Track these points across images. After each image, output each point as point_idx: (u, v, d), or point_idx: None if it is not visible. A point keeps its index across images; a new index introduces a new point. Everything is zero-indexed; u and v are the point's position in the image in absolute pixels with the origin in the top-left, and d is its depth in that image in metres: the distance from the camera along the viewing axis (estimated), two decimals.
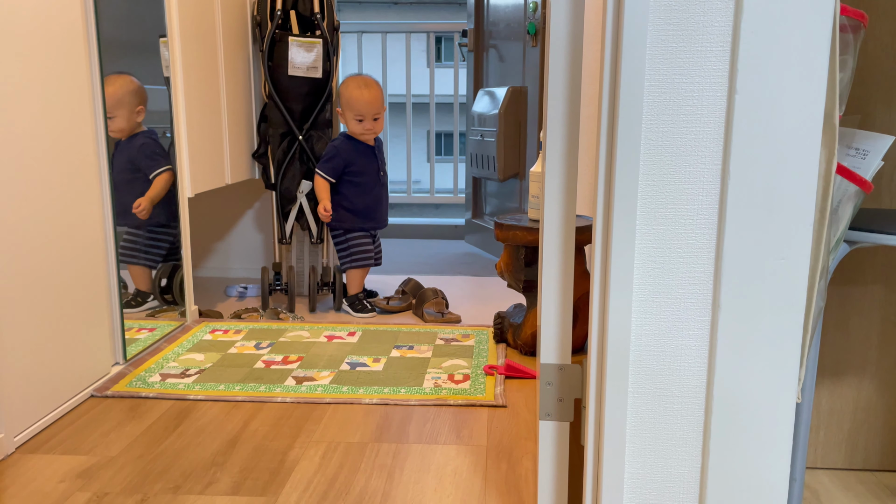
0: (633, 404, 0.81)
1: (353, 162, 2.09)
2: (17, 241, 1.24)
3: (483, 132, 2.82)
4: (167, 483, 1.14)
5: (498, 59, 2.87)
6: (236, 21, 2.13)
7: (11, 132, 1.23)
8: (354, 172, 2.10)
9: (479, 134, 2.87)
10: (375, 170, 2.13)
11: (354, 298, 2.14)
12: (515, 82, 2.72)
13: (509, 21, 2.75)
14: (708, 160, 0.74)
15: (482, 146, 2.84)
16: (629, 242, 0.76)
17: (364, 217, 2.13)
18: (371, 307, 2.14)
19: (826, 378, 1.18)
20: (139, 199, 1.81)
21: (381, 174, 2.15)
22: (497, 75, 2.88)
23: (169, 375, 1.56)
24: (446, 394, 1.48)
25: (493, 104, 2.77)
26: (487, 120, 2.78)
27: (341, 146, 2.10)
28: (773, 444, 0.79)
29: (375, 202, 2.14)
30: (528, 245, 1.66)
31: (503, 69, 2.83)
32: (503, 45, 2.82)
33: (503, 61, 2.82)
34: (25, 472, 1.17)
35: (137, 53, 1.85)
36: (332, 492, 1.12)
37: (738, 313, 0.76)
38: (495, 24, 2.86)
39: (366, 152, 2.11)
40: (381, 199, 2.16)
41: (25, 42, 1.26)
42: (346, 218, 2.13)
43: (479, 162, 2.90)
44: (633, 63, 0.72)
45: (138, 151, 1.81)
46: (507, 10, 2.76)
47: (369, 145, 2.11)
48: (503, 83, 2.81)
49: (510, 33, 2.75)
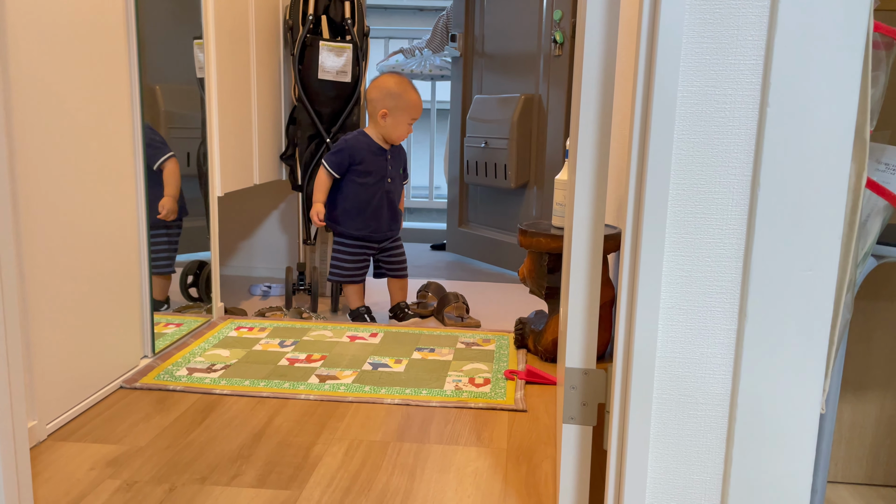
0: (657, 410, 0.82)
1: (362, 160, 2.01)
2: (54, 236, 1.28)
3: (488, 139, 2.77)
4: (194, 474, 1.17)
5: (497, 65, 2.82)
6: (268, 25, 2.18)
7: (55, 126, 1.27)
8: (359, 172, 2.01)
9: (481, 141, 2.80)
10: (383, 173, 2.04)
11: (356, 313, 2.07)
12: (523, 90, 2.70)
13: (516, 27, 2.71)
14: (738, 171, 0.76)
15: (486, 154, 2.79)
16: (658, 250, 0.77)
17: (358, 221, 2.03)
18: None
19: (849, 392, 1.18)
20: (161, 203, 1.75)
21: (387, 180, 2.05)
22: (495, 82, 2.83)
23: (195, 370, 1.59)
24: (467, 396, 1.49)
25: (501, 111, 2.73)
26: (494, 127, 2.74)
27: (353, 140, 2.02)
28: (796, 453, 0.80)
29: (376, 208, 2.04)
30: (552, 252, 1.67)
31: (506, 76, 2.78)
32: (506, 51, 2.77)
33: (506, 68, 2.78)
34: (57, 459, 1.20)
35: (172, 54, 1.90)
36: (355, 488, 1.14)
37: (764, 323, 0.77)
38: (494, 30, 2.81)
39: (378, 153, 2.03)
40: (382, 205, 2.05)
41: (72, 41, 1.30)
42: (340, 219, 2.05)
43: (480, 170, 2.84)
44: (666, 75, 0.74)
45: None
46: (512, 17, 2.72)
47: (383, 148, 2.03)
48: (504, 90, 2.78)
49: (517, 40, 2.71)
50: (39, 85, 1.22)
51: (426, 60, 3.46)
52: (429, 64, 3.45)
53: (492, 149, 2.77)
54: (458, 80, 3.02)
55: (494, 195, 2.90)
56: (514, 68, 2.76)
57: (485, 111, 2.84)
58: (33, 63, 1.21)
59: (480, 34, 2.89)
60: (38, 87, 1.22)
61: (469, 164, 2.93)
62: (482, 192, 2.97)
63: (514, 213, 2.84)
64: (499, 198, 2.89)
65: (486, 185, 2.86)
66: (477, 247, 2.99)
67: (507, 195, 2.84)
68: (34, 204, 1.22)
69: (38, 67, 1.22)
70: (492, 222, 2.94)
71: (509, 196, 2.84)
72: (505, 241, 2.84)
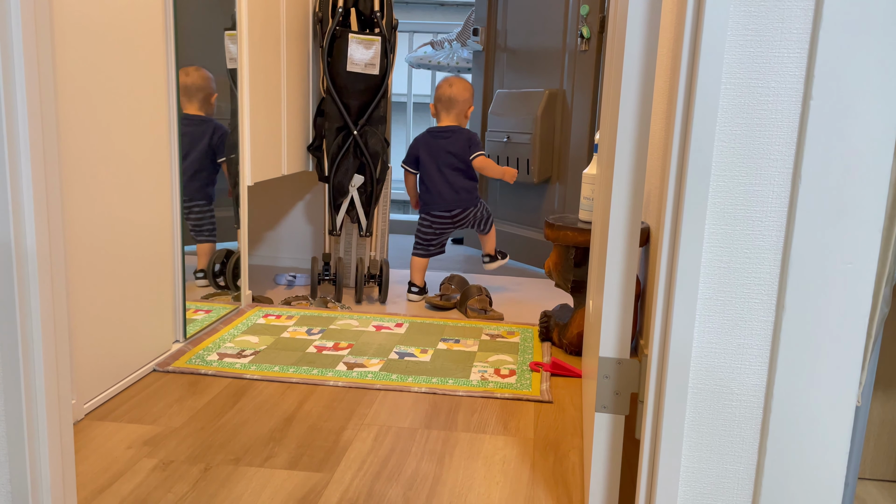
0: (692, 400, 0.83)
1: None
2: (92, 226, 1.31)
3: (510, 134, 2.78)
4: (228, 454, 1.19)
5: (520, 60, 2.83)
6: (298, 17, 2.20)
7: (92, 116, 1.30)
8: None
9: (504, 136, 2.82)
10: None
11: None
12: (547, 85, 2.70)
13: (540, 22, 2.71)
14: (779, 163, 0.76)
15: (508, 148, 2.80)
16: (697, 240, 0.78)
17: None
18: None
19: (879, 389, 1.18)
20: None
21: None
22: (518, 77, 2.84)
23: (226, 355, 1.62)
24: (493, 387, 1.51)
25: (524, 107, 2.74)
26: (518, 122, 2.75)
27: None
28: (830, 445, 0.80)
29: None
30: (579, 246, 1.68)
31: (529, 71, 2.79)
32: (530, 46, 2.78)
33: (530, 63, 2.79)
34: (95, 438, 1.23)
35: (204, 45, 1.92)
36: (385, 472, 1.16)
37: (802, 315, 0.78)
38: (517, 25, 2.81)
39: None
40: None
41: (113, 32, 1.33)
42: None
43: (501, 164, 2.83)
44: (710, 66, 0.74)
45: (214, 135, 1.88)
46: (536, 11, 2.72)
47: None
48: (526, 85, 2.78)
49: (541, 35, 2.71)
50: (81, 73, 1.25)
51: (454, 53, 3.47)
52: (456, 56, 3.46)
53: (514, 143, 2.77)
54: (480, 74, 3.02)
55: (514, 190, 2.91)
56: (538, 63, 2.76)
57: (507, 106, 2.84)
58: (76, 54, 1.23)
59: (503, 28, 2.90)
60: (79, 75, 1.25)
61: (490, 158, 2.93)
62: (502, 186, 2.98)
63: (534, 207, 2.83)
64: (519, 193, 2.89)
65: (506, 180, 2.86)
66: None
67: (527, 190, 2.84)
68: (73, 194, 1.25)
69: (78, 59, 1.24)
70: (512, 217, 2.94)
71: (529, 191, 2.84)
72: (524, 235, 2.84)
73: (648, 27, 0.88)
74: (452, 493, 1.10)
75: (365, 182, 2.25)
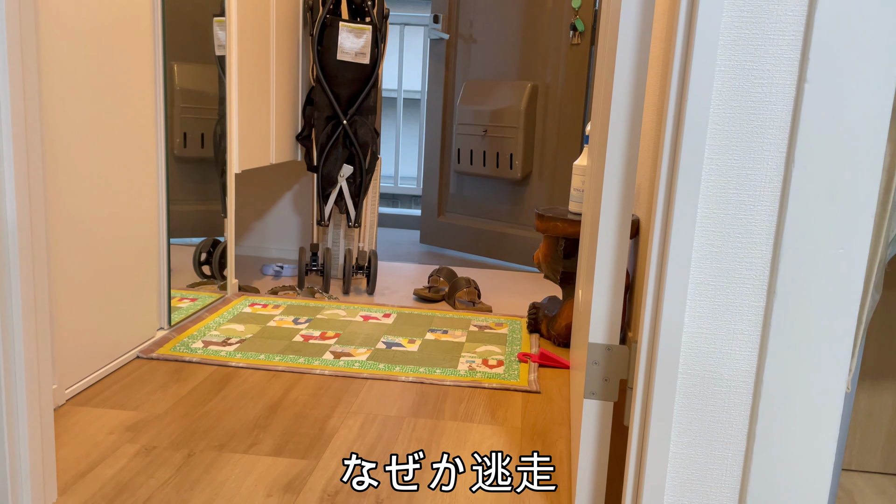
0: (681, 385, 0.82)
1: None
2: (75, 210, 1.29)
3: (488, 127, 2.67)
4: (212, 441, 1.17)
5: (494, 50, 2.71)
6: (288, 4, 2.18)
7: (76, 99, 1.27)
8: None
9: (480, 129, 2.70)
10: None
11: None
12: (528, 76, 2.62)
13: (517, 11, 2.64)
14: (773, 147, 0.76)
15: (486, 142, 2.70)
16: (690, 224, 0.78)
17: None
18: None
19: (866, 380, 1.19)
20: None
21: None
22: (488, 67, 2.72)
23: (211, 343, 1.60)
24: (481, 377, 1.50)
25: (505, 98, 2.64)
26: (498, 115, 2.65)
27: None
28: (819, 431, 0.80)
29: None
30: (568, 237, 1.67)
31: (505, 62, 2.68)
32: (507, 36, 2.68)
33: (508, 54, 2.69)
34: (76, 423, 1.21)
35: (190, 31, 1.90)
36: (372, 458, 1.14)
37: (792, 300, 0.78)
38: (485, 14, 2.71)
39: None
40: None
41: (99, 18, 1.31)
42: None
43: (476, 159, 2.74)
44: (705, 48, 0.74)
45: None
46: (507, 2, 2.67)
47: None
48: (500, 76, 2.68)
49: (520, 25, 2.64)
50: (66, 57, 1.23)
51: None
52: None
53: (494, 137, 2.66)
54: (440, 62, 2.85)
55: (496, 186, 2.79)
56: (516, 54, 2.67)
57: (483, 97, 2.70)
58: (62, 38, 1.21)
59: (470, 17, 2.75)
60: (65, 59, 1.23)
61: (461, 152, 2.80)
62: (469, 181, 2.84)
63: (517, 203, 2.74)
64: (502, 189, 2.78)
65: (485, 175, 2.75)
66: (458, 238, 2.88)
67: (511, 186, 2.74)
68: (55, 176, 1.23)
69: (64, 43, 1.22)
70: (494, 215, 2.82)
71: (513, 187, 2.73)
72: (510, 233, 2.77)
73: (642, 17, 0.87)
74: None
75: (354, 172, 2.23)
